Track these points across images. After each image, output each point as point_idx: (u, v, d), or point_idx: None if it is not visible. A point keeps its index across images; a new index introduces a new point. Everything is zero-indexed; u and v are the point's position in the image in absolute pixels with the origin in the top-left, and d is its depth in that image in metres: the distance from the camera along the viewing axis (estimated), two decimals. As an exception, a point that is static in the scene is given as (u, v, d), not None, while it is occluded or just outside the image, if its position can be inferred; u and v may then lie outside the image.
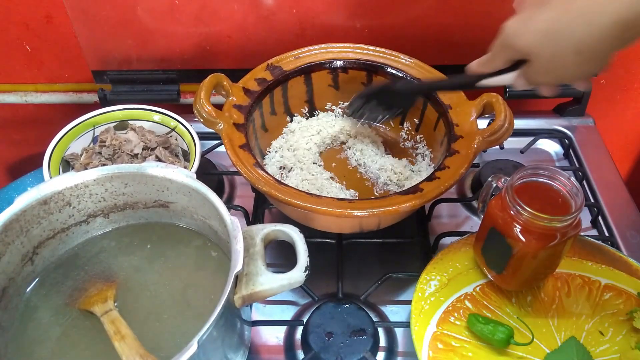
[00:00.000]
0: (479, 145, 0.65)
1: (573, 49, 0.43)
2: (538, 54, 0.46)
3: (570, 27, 0.42)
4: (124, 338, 0.50)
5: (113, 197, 0.59)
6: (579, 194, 0.55)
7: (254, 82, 0.72)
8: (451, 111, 0.69)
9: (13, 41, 0.90)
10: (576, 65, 0.44)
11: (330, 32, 0.85)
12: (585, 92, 0.90)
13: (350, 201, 0.60)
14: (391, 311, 0.67)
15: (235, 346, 0.53)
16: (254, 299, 0.51)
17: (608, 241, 0.71)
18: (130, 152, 0.75)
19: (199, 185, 0.55)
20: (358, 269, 0.71)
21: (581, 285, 0.64)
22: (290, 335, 0.65)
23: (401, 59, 0.75)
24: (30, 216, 0.54)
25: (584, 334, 0.60)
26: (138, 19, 0.83)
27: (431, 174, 0.63)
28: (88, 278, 0.57)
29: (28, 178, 0.92)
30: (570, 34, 0.42)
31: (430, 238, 0.73)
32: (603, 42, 0.42)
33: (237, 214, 0.75)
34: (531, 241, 0.55)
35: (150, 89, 0.90)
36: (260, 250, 0.53)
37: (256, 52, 0.87)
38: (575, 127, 0.91)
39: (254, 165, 0.63)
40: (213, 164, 0.84)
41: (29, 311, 0.55)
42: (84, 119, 0.77)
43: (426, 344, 0.58)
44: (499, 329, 0.57)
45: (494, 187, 0.62)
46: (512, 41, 0.47)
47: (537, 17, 0.44)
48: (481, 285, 0.64)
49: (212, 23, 0.84)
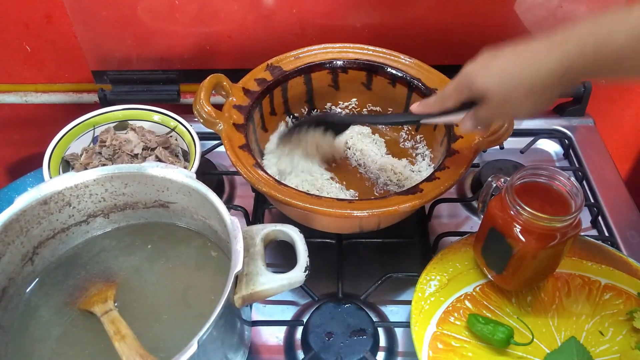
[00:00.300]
0: (479, 145, 0.65)
1: (524, 92, 0.49)
2: (495, 93, 0.50)
3: (520, 73, 0.49)
4: (124, 338, 0.50)
5: (113, 197, 0.59)
6: (579, 194, 0.55)
7: (253, 82, 0.72)
8: (451, 111, 0.69)
9: (13, 41, 0.90)
10: (527, 105, 0.50)
11: (330, 32, 0.85)
12: (585, 92, 0.90)
13: (350, 201, 0.60)
14: (391, 311, 0.67)
15: (235, 346, 0.53)
16: (254, 299, 0.51)
17: (608, 241, 0.71)
18: (130, 152, 0.75)
19: (199, 185, 0.55)
20: (358, 269, 0.71)
21: (581, 285, 0.64)
22: (290, 335, 0.65)
23: (401, 59, 0.75)
24: (30, 216, 0.54)
25: (584, 334, 0.60)
26: (138, 19, 0.83)
27: (431, 174, 0.63)
28: (88, 278, 0.57)
29: (28, 178, 0.92)
30: (521, 79, 0.49)
31: (430, 238, 0.73)
32: (546, 87, 0.48)
33: (237, 214, 0.75)
34: (531, 241, 0.55)
35: (150, 89, 0.90)
36: (260, 250, 0.53)
37: (256, 52, 0.87)
38: (575, 127, 0.91)
39: (254, 165, 0.63)
40: (213, 164, 0.84)
41: (29, 311, 0.55)
42: (84, 119, 0.77)
43: (426, 344, 0.58)
44: (499, 329, 0.57)
45: (494, 187, 0.62)
46: (471, 82, 0.52)
47: (493, 63, 0.50)
48: (481, 285, 0.64)
49: (212, 23, 0.84)
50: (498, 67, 0.50)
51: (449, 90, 0.55)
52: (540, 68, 0.47)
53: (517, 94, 0.49)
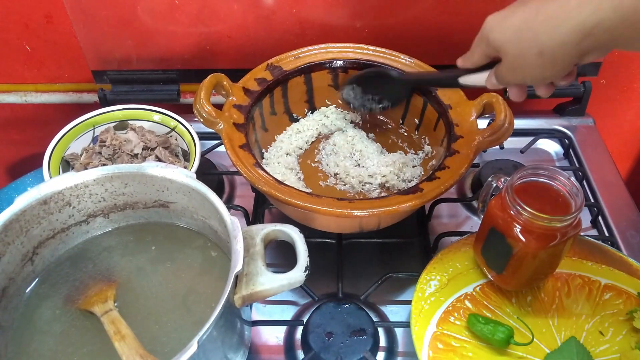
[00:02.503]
0: (479, 145, 0.65)
1: (536, 49, 0.45)
2: (506, 50, 0.47)
3: (536, 28, 0.44)
4: (124, 338, 0.50)
5: (113, 197, 0.59)
6: (579, 194, 0.55)
7: (254, 82, 0.72)
8: (451, 111, 0.69)
9: (13, 41, 0.90)
10: (537, 67, 0.46)
11: (330, 32, 0.85)
12: (585, 92, 0.90)
13: (350, 201, 0.60)
14: (391, 311, 0.67)
15: (235, 346, 0.53)
16: (254, 299, 0.51)
17: (608, 241, 0.71)
18: (130, 152, 0.75)
19: (199, 185, 0.55)
20: (358, 269, 0.71)
21: (581, 285, 0.64)
22: (290, 335, 0.65)
23: (401, 59, 0.75)
24: (30, 216, 0.54)
25: (584, 334, 0.60)
26: (138, 19, 0.83)
27: (431, 174, 0.63)
28: (88, 278, 0.57)
29: (28, 178, 0.92)
30: (535, 35, 0.44)
31: (430, 238, 0.73)
32: (563, 46, 0.44)
33: (237, 214, 0.75)
34: (531, 241, 0.55)
35: (150, 89, 0.90)
36: (260, 250, 0.53)
37: (256, 52, 0.87)
38: (575, 127, 0.91)
39: (254, 165, 0.63)
40: (213, 164, 0.84)
41: (29, 311, 0.55)
42: (84, 119, 0.77)
43: (426, 344, 0.58)
44: (499, 329, 0.57)
45: (494, 187, 0.62)
46: (487, 35, 0.49)
47: (513, 15, 0.46)
48: (481, 285, 0.64)
49: (212, 23, 0.84)
50: (516, 20, 0.46)
51: (474, 44, 0.52)
52: (555, 26, 0.43)
53: (528, 54, 0.45)
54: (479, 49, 0.52)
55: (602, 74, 0.93)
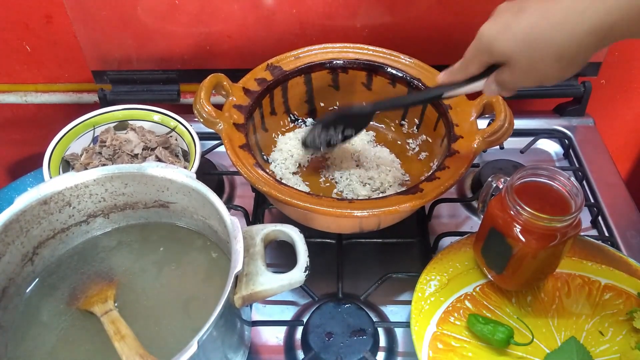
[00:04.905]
0: (479, 145, 0.65)
1: (554, 55, 0.44)
2: (518, 59, 0.46)
3: (550, 34, 0.43)
4: (124, 338, 0.50)
5: (113, 197, 0.59)
6: (579, 194, 0.55)
7: (254, 82, 0.72)
8: (451, 111, 0.69)
9: (13, 41, 0.90)
10: (556, 70, 0.45)
11: (330, 32, 0.85)
12: (585, 92, 0.90)
13: (350, 201, 0.60)
14: (391, 311, 0.67)
15: (235, 346, 0.53)
16: (254, 299, 0.51)
17: (608, 241, 0.71)
18: (130, 152, 0.75)
19: (199, 185, 0.55)
20: (358, 269, 0.71)
21: (581, 285, 0.64)
22: (290, 335, 0.65)
23: (401, 59, 0.75)
24: (30, 216, 0.54)
25: (584, 334, 0.60)
26: (138, 19, 0.83)
27: (431, 173, 0.63)
28: (88, 278, 0.57)
29: (28, 178, 0.92)
30: (550, 41, 0.43)
31: (430, 238, 0.73)
32: (581, 48, 0.43)
33: (237, 214, 0.75)
34: (531, 241, 0.55)
35: (150, 89, 0.90)
36: (260, 250, 0.53)
37: (256, 52, 0.86)
38: (575, 127, 0.91)
39: (254, 165, 0.63)
40: (213, 164, 0.84)
41: (29, 311, 0.55)
42: (84, 119, 0.77)
43: (426, 344, 0.58)
44: (499, 329, 0.57)
45: (494, 187, 0.62)
46: (491, 46, 0.47)
47: (517, 22, 0.45)
48: (481, 285, 0.64)
49: (212, 23, 0.84)
50: (523, 28, 0.44)
51: (470, 55, 0.51)
52: (575, 27, 0.42)
53: (545, 59, 0.44)
54: (477, 59, 0.50)
55: (602, 74, 0.93)
